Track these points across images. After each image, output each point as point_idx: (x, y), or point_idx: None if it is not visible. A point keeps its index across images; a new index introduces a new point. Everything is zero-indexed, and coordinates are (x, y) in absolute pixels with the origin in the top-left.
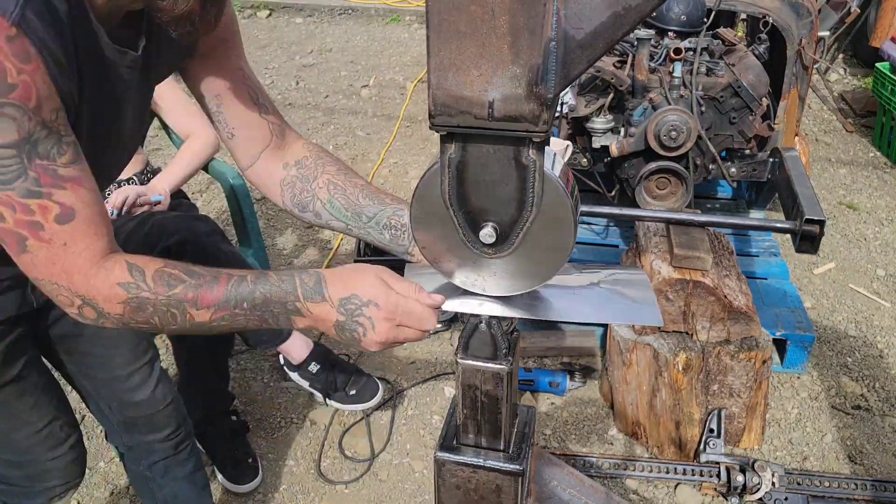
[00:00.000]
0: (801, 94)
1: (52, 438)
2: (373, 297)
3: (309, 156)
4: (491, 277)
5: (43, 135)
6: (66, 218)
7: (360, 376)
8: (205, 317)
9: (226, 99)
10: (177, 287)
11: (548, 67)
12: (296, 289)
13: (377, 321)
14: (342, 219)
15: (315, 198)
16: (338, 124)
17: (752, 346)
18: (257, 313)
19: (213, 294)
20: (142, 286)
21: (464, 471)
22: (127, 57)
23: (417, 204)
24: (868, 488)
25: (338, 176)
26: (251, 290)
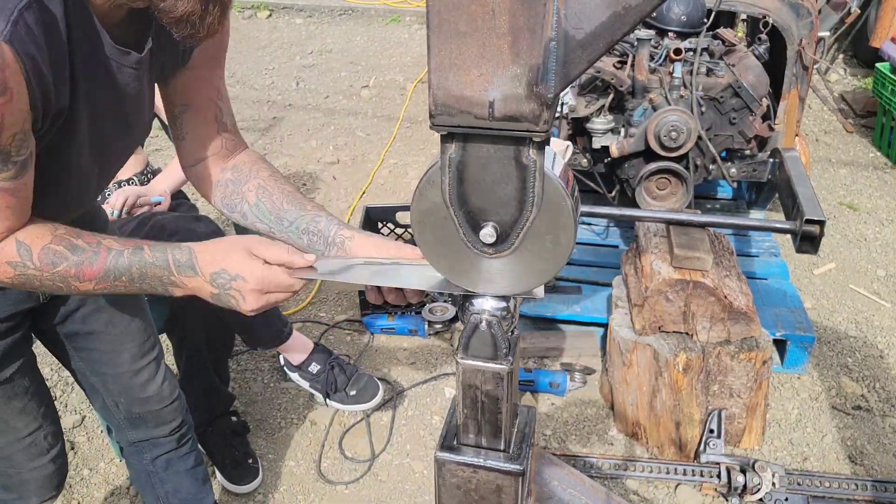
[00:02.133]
0: (801, 94)
1: (34, 447)
2: (239, 271)
3: (246, 161)
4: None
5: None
6: None
7: (361, 377)
8: (88, 287)
9: (192, 109)
10: (60, 265)
11: (548, 67)
12: (169, 265)
13: (246, 293)
14: (266, 221)
15: (243, 200)
16: (338, 125)
17: (752, 347)
18: (136, 285)
19: (94, 268)
20: (28, 265)
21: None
22: (130, 57)
23: (418, 203)
24: (868, 489)
25: (268, 181)
26: (128, 265)
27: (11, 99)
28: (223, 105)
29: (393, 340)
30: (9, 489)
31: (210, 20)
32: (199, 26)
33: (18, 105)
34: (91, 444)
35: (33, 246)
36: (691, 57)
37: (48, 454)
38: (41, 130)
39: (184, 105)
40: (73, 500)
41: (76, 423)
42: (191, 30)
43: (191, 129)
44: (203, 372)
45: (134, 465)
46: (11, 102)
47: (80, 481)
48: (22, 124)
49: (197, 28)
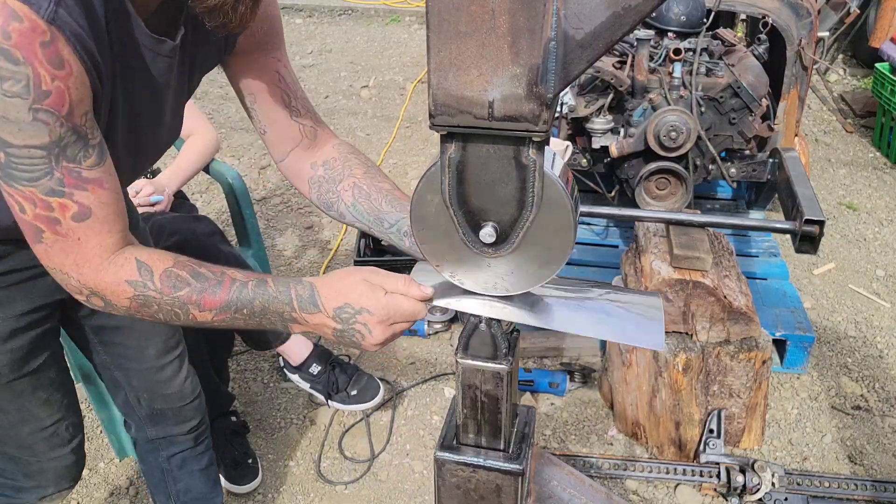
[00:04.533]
0: (800, 94)
1: (56, 437)
2: (364, 305)
3: (337, 157)
4: (491, 277)
5: (72, 139)
6: (83, 216)
7: (361, 377)
8: (206, 317)
9: (259, 98)
10: (182, 290)
11: (548, 67)
12: (291, 301)
13: (372, 326)
14: (365, 222)
15: (340, 199)
16: (338, 125)
17: (751, 347)
18: (256, 319)
19: (216, 298)
20: (149, 285)
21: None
22: (165, 46)
23: (417, 204)
24: (868, 489)
25: (363, 179)
26: (251, 299)
27: (71, 72)
28: (289, 90)
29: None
30: (29, 477)
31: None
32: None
33: (80, 79)
34: (91, 444)
35: (154, 267)
36: (691, 57)
37: (69, 445)
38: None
39: (250, 94)
40: (72, 500)
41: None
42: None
43: (265, 120)
44: (203, 372)
45: (149, 461)
46: (72, 76)
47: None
48: (89, 102)
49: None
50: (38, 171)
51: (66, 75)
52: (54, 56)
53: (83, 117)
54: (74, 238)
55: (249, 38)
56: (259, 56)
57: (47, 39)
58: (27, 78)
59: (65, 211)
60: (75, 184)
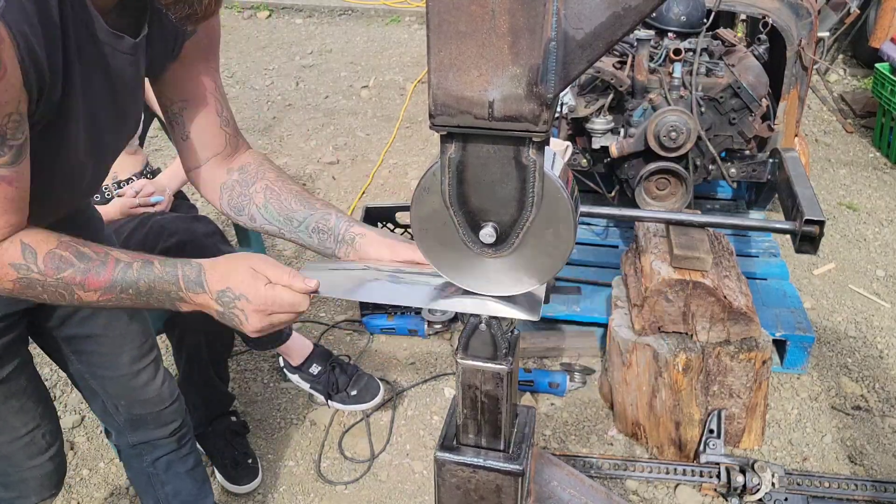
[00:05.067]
0: (800, 94)
1: (33, 446)
2: (244, 291)
3: (252, 162)
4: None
5: None
6: None
7: (361, 377)
8: (91, 297)
9: (191, 104)
10: (66, 271)
11: (548, 67)
12: (178, 280)
13: (249, 313)
14: (275, 223)
15: (251, 202)
16: (338, 125)
17: (751, 347)
18: (142, 299)
19: (101, 279)
20: (32, 268)
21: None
22: (124, 42)
23: (417, 204)
24: (868, 489)
25: (276, 182)
26: (136, 278)
27: (5, 75)
28: (222, 100)
29: (393, 340)
30: (8, 488)
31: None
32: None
33: (13, 82)
34: (91, 444)
35: (38, 249)
36: (691, 57)
37: (46, 453)
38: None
39: (182, 101)
40: (72, 500)
41: (76, 423)
42: (188, 10)
43: (192, 127)
44: (202, 372)
45: (134, 467)
46: (5, 79)
47: (79, 481)
48: (17, 105)
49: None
50: None
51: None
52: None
53: (6, 119)
54: None
55: (194, 45)
56: (200, 64)
57: None
58: None
59: None
60: None
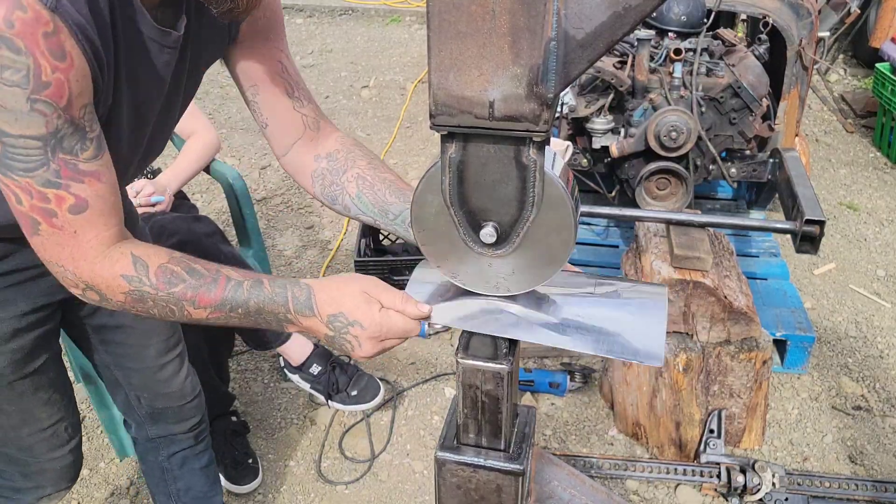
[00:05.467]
0: (801, 94)
1: (56, 438)
2: (357, 318)
3: (340, 149)
4: (491, 277)
5: (69, 131)
6: (79, 209)
7: (362, 377)
8: (201, 315)
9: (261, 89)
10: (177, 286)
11: (548, 67)
12: (287, 302)
13: (362, 340)
14: (370, 214)
15: (344, 192)
16: (338, 125)
17: (752, 347)
18: (251, 318)
19: (211, 296)
20: (144, 280)
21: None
22: (170, 37)
23: (418, 204)
24: (868, 489)
25: (367, 170)
26: (246, 298)
27: (73, 64)
28: (291, 80)
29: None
30: (27, 478)
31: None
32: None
33: (81, 71)
34: (91, 444)
35: (150, 262)
36: (691, 57)
37: (67, 445)
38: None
39: (252, 86)
40: (72, 500)
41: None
42: (230, 5)
43: (267, 111)
44: (203, 372)
45: (149, 461)
46: (74, 68)
47: (79, 481)
48: (90, 95)
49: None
50: (34, 161)
51: (67, 67)
52: (56, 47)
53: (82, 110)
54: (70, 231)
55: (251, 26)
56: (261, 45)
57: (50, 30)
58: (27, 68)
59: (61, 203)
60: (72, 176)
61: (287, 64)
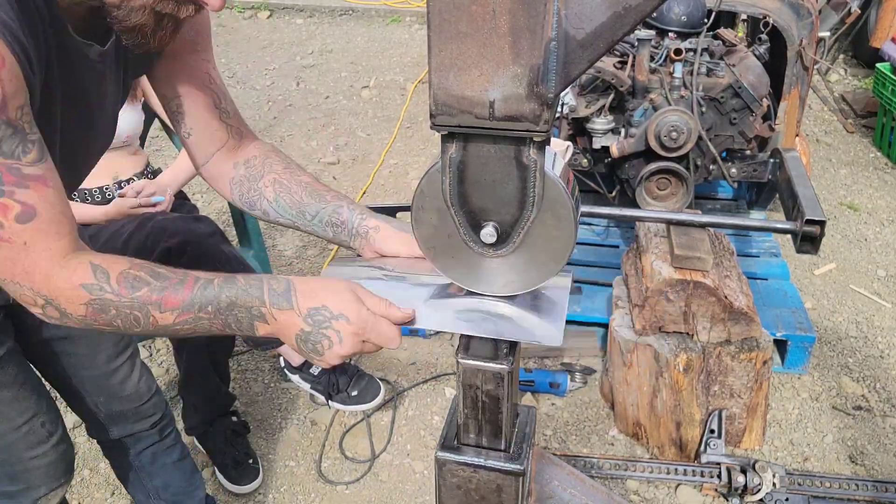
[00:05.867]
0: (801, 94)
1: (33, 435)
2: (344, 311)
3: (258, 155)
4: (491, 277)
5: (7, 133)
6: (27, 217)
7: (362, 377)
8: (168, 319)
9: (187, 100)
10: (141, 289)
11: (548, 67)
12: (263, 294)
13: (345, 335)
14: (288, 217)
15: (262, 196)
16: (338, 125)
17: (752, 347)
18: (221, 317)
19: (178, 296)
20: (105, 287)
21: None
22: (93, 49)
23: (418, 204)
24: (869, 489)
25: (283, 174)
26: (217, 293)
27: (4, 63)
28: (218, 92)
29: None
30: (15, 480)
31: (162, 34)
32: (150, 38)
33: (14, 71)
34: (91, 444)
35: (110, 269)
36: (692, 57)
37: (48, 441)
38: None
39: (177, 97)
40: (73, 501)
41: (76, 424)
42: (141, 40)
43: (192, 122)
44: (204, 372)
45: (119, 462)
46: (5, 68)
47: (80, 481)
48: (25, 96)
49: (148, 40)
50: None
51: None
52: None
53: (18, 111)
54: (20, 243)
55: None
56: (189, 57)
57: None
58: None
59: (7, 212)
60: (15, 181)
61: (214, 75)
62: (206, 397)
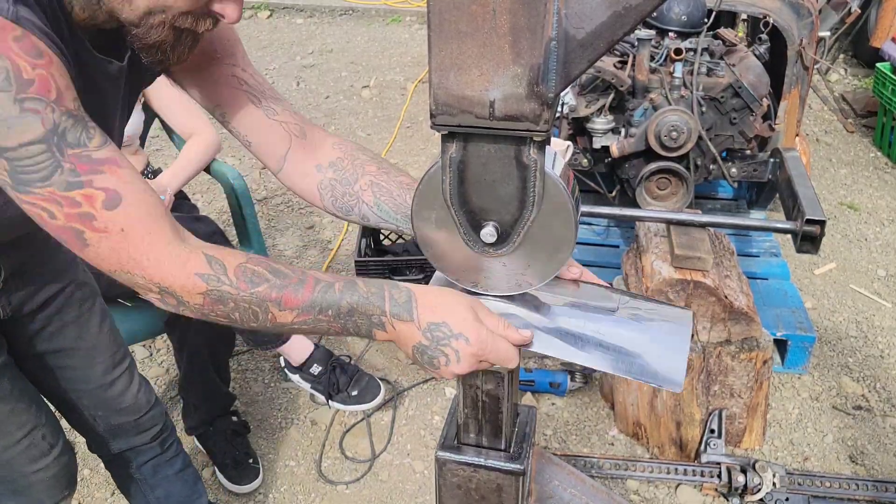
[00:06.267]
0: (801, 94)
1: (34, 449)
2: (464, 331)
3: (344, 156)
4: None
5: (69, 124)
6: (114, 202)
7: (362, 377)
8: (287, 318)
9: (227, 108)
10: (260, 285)
11: (549, 67)
12: (384, 303)
13: (464, 356)
14: (392, 221)
15: (359, 201)
16: (338, 125)
17: (752, 347)
18: (340, 321)
19: (299, 297)
20: (223, 279)
21: (465, 470)
22: (111, 66)
23: (418, 203)
24: (869, 489)
25: (379, 176)
26: (338, 298)
27: (51, 61)
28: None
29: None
30: (18, 495)
31: (181, 49)
32: (168, 54)
33: (61, 68)
34: None
35: (226, 262)
36: (692, 57)
37: (50, 454)
38: None
39: (218, 107)
40: (73, 501)
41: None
42: (160, 56)
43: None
44: (204, 372)
45: (120, 475)
46: (53, 64)
47: (80, 481)
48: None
49: (167, 55)
50: (45, 167)
51: (46, 63)
52: (30, 47)
53: (74, 102)
54: (117, 230)
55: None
56: (208, 66)
57: (19, 34)
58: (6, 70)
59: (93, 201)
60: (90, 168)
61: (245, 76)
62: (206, 397)
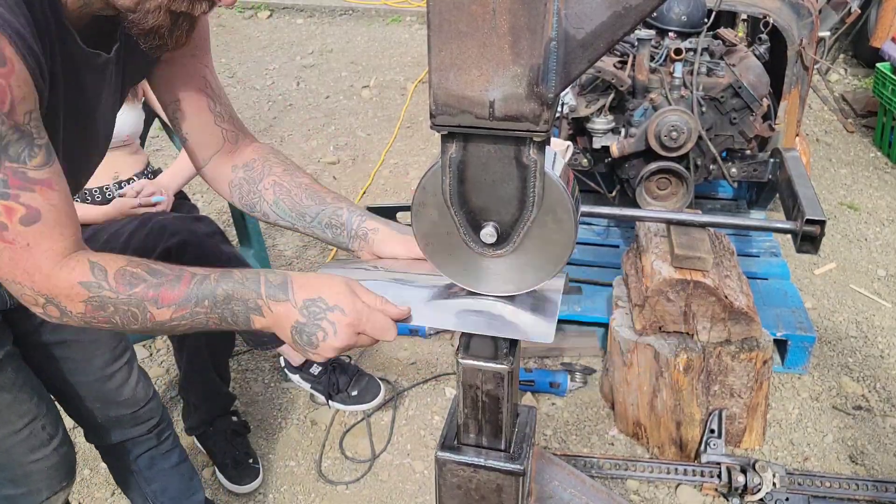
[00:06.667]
0: (801, 94)
1: (34, 438)
2: (339, 303)
3: (257, 158)
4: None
5: (14, 138)
6: (31, 220)
7: (362, 377)
8: (165, 315)
9: (183, 105)
10: (138, 286)
11: (548, 67)
12: (259, 286)
13: (340, 326)
14: (288, 219)
15: (262, 199)
16: (338, 125)
17: (752, 347)
18: (217, 311)
19: (175, 292)
20: (103, 285)
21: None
22: (99, 59)
23: (418, 204)
24: (869, 489)
25: (283, 177)
26: (213, 288)
27: (13, 69)
28: (214, 96)
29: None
30: (17, 483)
31: (178, 33)
32: (167, 39)
33: (22, 76)
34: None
35: (108, 267)
36: (692, 57)
37: (49, 444)
38: None
39: (175, 101)
40: (73, 501)
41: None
42: (158, 41)
43: (189, 126)
44: (204, 372)
45: (116, 467)
46: (14, 73)
47: (80, 481)
48: (34, 101)
49: (165, 40)
50: None
51: (7, 72)
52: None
53: (27, 116)
54: (23, 244)
55: None
56: (186, 61)
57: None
58: None
59: (11, 214)
60: (21, 185)
61: (210, 79)
62: (206, 397)
